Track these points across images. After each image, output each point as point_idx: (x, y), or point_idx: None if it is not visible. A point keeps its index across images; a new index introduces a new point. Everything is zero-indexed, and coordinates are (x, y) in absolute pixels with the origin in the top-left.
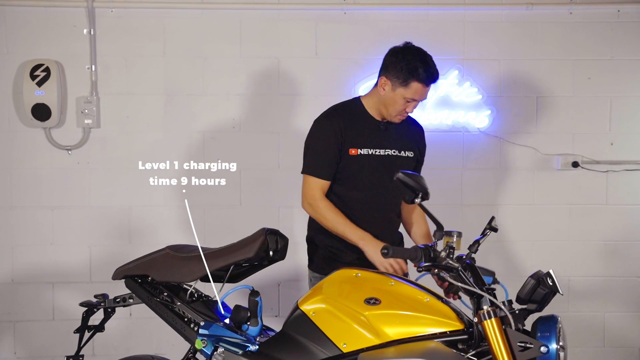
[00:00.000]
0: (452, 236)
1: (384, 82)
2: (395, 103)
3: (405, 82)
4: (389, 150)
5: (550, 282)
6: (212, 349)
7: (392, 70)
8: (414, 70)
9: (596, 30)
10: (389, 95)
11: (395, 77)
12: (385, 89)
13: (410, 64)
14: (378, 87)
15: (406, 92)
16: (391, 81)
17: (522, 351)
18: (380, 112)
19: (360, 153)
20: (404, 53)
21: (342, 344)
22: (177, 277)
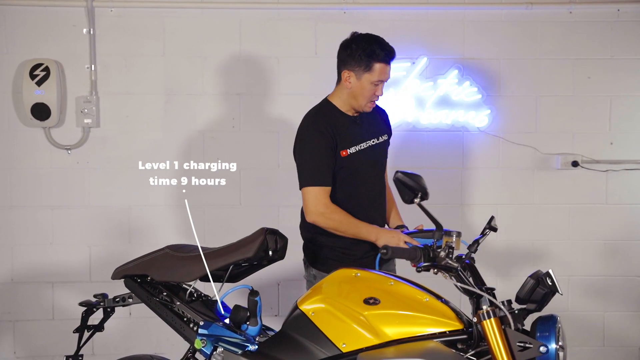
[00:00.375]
0: (452, 236)
1: (347, 76)
2: (364, 90)
3: (367, 66)
4: (369, 141)
5: (550, 282)
6: (212, 349)
7: (352, 61)
8: (372, 53)
9: (596, 30)
10: (356, 85)
11: (357, 66)
12: (351, 81)
13: (366, 49)
14: (343, 83)
15: (371, 75)
16: (354, 71)
17: (522, 351)
18: (352, 106)
19: (350, 153)
20: (356, 41)
21: (341, 343)
22: (176, 276)
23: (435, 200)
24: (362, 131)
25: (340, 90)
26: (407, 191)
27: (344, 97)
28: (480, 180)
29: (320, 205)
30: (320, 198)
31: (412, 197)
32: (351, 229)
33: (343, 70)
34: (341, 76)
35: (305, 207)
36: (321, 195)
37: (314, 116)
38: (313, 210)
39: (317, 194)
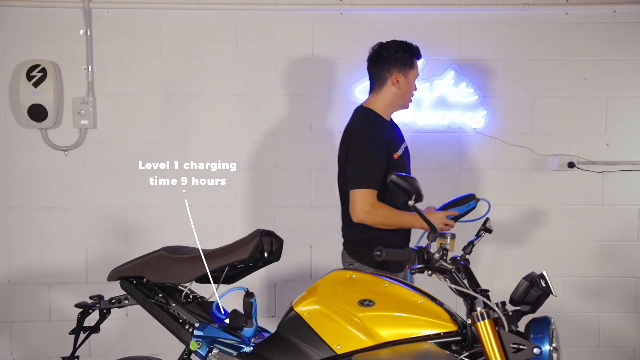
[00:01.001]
0: (446, 238)
1: (396, 77)
2: (411, 87)
3: (410, 64)
4: (404, 143)
5: (544, 284)
6: (207, 350)
7: (397, 62)
8: (411, 52)
9: (592, 31)
10: (405, 84)
11: (402, 66)
12: (400, 81)
13: (405, 50)
14: (390, 86)
15: (414, 71)
16: (402, 71)
17: (515, 352)
18: (395, 107)
19: (398, 154)
20: (389, 47)
21: (336, 345)
22: (171, 278)
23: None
24: (399, 134)
25: (382, 95)
26: (401, 193)
27: (387, 100)
28: (477, 181)
29: (365, 205)
30: (367, 198)
31: (406, 199)
32: (396, 221)
33: (393, 73)
34: (387, 81)
35: (352, 208)
36: (367, 196)
37: (369, 121)
38: (359, 210)
39: (364, 195)
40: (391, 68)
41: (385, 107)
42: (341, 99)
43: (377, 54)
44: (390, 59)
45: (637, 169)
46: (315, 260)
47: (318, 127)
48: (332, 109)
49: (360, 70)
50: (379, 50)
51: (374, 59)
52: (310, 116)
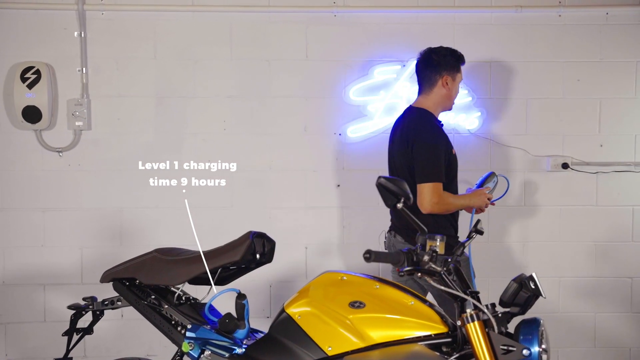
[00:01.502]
0: (435, 240)
1: (445, 79)
2: (457, 90)
3: (457, 69)
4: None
5: (533, 285)
6: (199, 352)
7: (446, 65)
8: (458, 57)
9: (585, 33)
10: (452, 86)
11: (451, 69)
12: (448, 82)
13: (452, 55)
14: (440, 87)
15: (460, 75)
16: (450, 74)
17: (505, 354)
18: (444, 107)
19: (455, 150)
20: (439, 52)
21: (327, 347)
22: (164, 280)
23: None
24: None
25: (432, 96)
26: (390, 196)
27: (437, 101)
28: (471, 182)
29: (435, 197)
30: (435, 191)
31: (394, 201)
32: (457, 203)
33: (443, 76)
34: (437, 82)
35: (422, 200)
36: (437, 189)
37: (430, 121)
38: (429, 202)
39: (432, 189)
40: (441, 71)
41: (436, 107)
42: (335, 101)
43: (427, 58)
44: (440, 62)
45: (630, 170)
46: (310, 261)
47: (312, 128)
48: (327, 110)
49: (354, 72)
50: (429, 54)
51: (424, 63)
52: (305, 117)
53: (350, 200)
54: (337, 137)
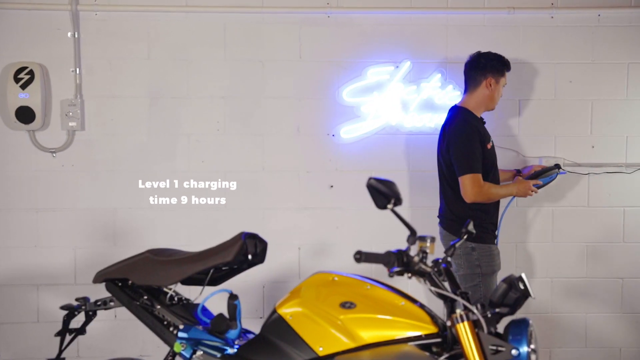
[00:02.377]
0: (426, 241)
1: (489, 81)
2: (499, 92)
3: (502, 73)
4: (490, 138)
5: (522, 286)
6: (191, 352)
7: (492, 69)
8: (504, 63)
9: (577, 34)
10: (495, 88)
11: (496, 73)
12: (492, 84)
13: (499, 60)
14: (483, 88)
15: (504, 79)
16: (494, 77)
17: (494, 354)
18: (487, 107)
19: (490, 145)
20: (487, 56)
21: (318, 347)
22: (156, 280)
23: (419, 203)
24: (487, 130)
25: (476, 96)
26: (380, 197)
27: (479, 101)
28: None
29: (476, 187)
30: (476, 181)
31: (385, 203)
32: (500, 193)
33: (487, 77)
34: (482, 83)
35: (464, 191)
36: (477, 179)
37: (465, 118)
38: (471, 192)
39: (473, 179)
40: (486, 73)
41: (478, 106)
42: (329, 101)
43: (476, 60)
44: (487, 65)
45: (622, 171)
46: (303, 262)
47: (306, 129)
48: (320, 111)
49: (348, 73)
50: (478, 57)
51: (472, 64)
52: (298, 118)
53: (343, 201)
54: (331, 138)
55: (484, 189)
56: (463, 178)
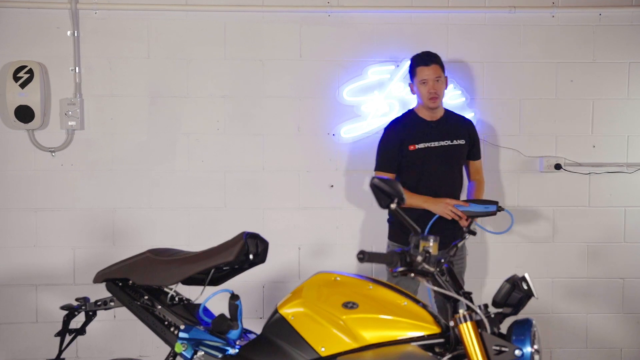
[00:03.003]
0: (429, 241)
1: (411, 85)
2: (420, 90)
3: (414, 71)
4: (442, 141)
5: (525, 286)
6: (192, 353)
7: (410, 74)
8: (414, 60)
9: (578, 34)
10: (417, 89)
11: (411, 74)
12: (414, 88)
13: (412, 61)
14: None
15: (418, 77)
16: (412, 79)
17: (497, 354)
18: (426, 107)
19: (418, 147)
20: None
21: (320, 347)
22: (157, 280)
23: None
24: (436, 132)
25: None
26: (383, 196)
27: (418, 102)
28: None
29: None
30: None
31: (388, 202)
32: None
33: (410, 83)
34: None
35: None
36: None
37: (393, 120)
38: None
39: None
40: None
41: (419, 108)
42: (329, 101)
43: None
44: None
45: (623, 171)
46: (303, 262)
47: (306, 128)
48: (320, 110)
49: (348, 72)
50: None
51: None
52: (298, 118)
53: (343, 200)
54: (331, 137)
55: None
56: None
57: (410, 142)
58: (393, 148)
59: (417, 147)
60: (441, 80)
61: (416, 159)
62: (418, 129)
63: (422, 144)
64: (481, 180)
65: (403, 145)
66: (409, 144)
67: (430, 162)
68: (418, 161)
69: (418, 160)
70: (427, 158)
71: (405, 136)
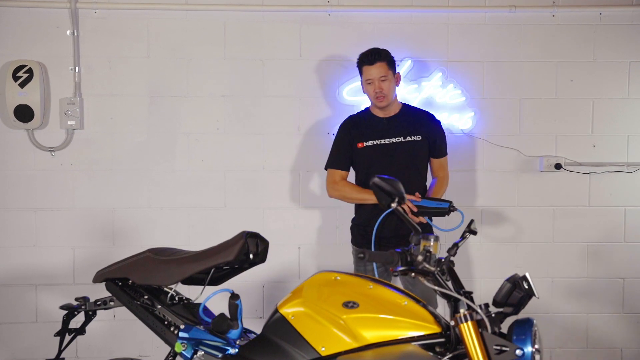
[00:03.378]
0: (429, 240)
1: (361, 82)
2: (367, 90)
3: (360, 71)
4: (394, 138)
5: (526, 286)
6: (192, 352)
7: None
8: (359, 59)
9: (579, 33)
10: (364, 89)
11: (359, 74)
12: (363, 87)
13: (358, 60)
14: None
15: (364, 76)
16: (361, 80)
17: (498, 354)
18: (375, 106)
19: (366, 145)
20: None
21: (320, 347)
22: (157, 280)
23: None
24: (387, 130)
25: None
26: (384, 196)
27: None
28: (464, 182)
29: (332, 182)
30: (335, 176)
31: (389, 201)
32: (355, 195)
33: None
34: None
35: (326, 184)
36: (336, 175)
37: (346, 118)
38: (328, 185)
39: (333, 174)
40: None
41: (373, 107)
42: (329, 100)
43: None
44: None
45: (623, 170)
46: (303, 261)
47: (306, 128)
48: (320, 110)
49: (348, 71)
50: None
51: None
52: (298, 117)
53: None
54: (331, 137)
55: (338, 186)
56: (327, 171)
57: (358, 139)
58: (344, 145)
59: (365, 145)
60: (388, 79)
61: (364, 157)
62: (368, 127)
63: (370, 142)
64: (444, 177)
65: (353, 144)
66: (357, 142)
67: (380, 160)
68: (366, 159)
69: (366, 158)
70: (375, 156)
71: (355, 134)
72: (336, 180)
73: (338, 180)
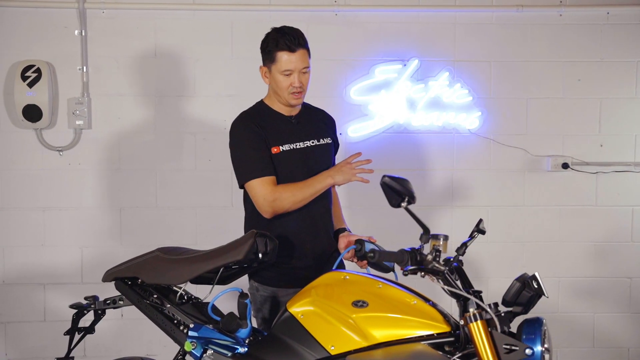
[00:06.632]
0: (439, 239)
1: (264, 72)
2: (279, 83)
3: (272, 58)
4: (307, 141)
5: (536, 285)
6: (202, 351)
7: (263, 56)
8: (273, 43)
9: (586, 32)
10: (272, 80)
11: (267, 60)
12: (268, 77)
13: (270, 41)
14: (264, 78)
15: (279, 66)
16: (266, 66)
17: (508, 353)
18: (279, 101)
19: (282, 150)
20: (265, 36)
21: (330, 346)
22: (166, 279)
23: (426, 201)
24: (299, 131)
25: (269, 89)
26: (394, 195)
27: (270, 93)
28: (471, 182)
29: (267, 194)
30: (266, 186)
31: (399, 201)
32: (308, 190)
33: (260, 67)
34: (261, 74)
35: (256, 202)
36: (266, 184)
37: (243, 114)
38: (263, 202)
39: (263, 184)
40: (262, 62)
41: (271, 100)
42: (336, 100)
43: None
44: (260, 50)
45: (630, 170)
46: None
47: None
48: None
49: (355, 71)
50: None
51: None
52: None
53: (351, 200)
54: (338, 136)
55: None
56: (247, 186)
57: (273, 143)
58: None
59: (281, 150)
60: (309, 71)
61: (282, 163)
62: (277, 127)
63: (286, 146)
64: (336, 193)
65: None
66: (272, 146)
67: (300, 167)
68: (285, 167)
69: (283, 167)
70: (294, 162)
71: (267, 136)
72: (272, 190)
73: (274, 189)
